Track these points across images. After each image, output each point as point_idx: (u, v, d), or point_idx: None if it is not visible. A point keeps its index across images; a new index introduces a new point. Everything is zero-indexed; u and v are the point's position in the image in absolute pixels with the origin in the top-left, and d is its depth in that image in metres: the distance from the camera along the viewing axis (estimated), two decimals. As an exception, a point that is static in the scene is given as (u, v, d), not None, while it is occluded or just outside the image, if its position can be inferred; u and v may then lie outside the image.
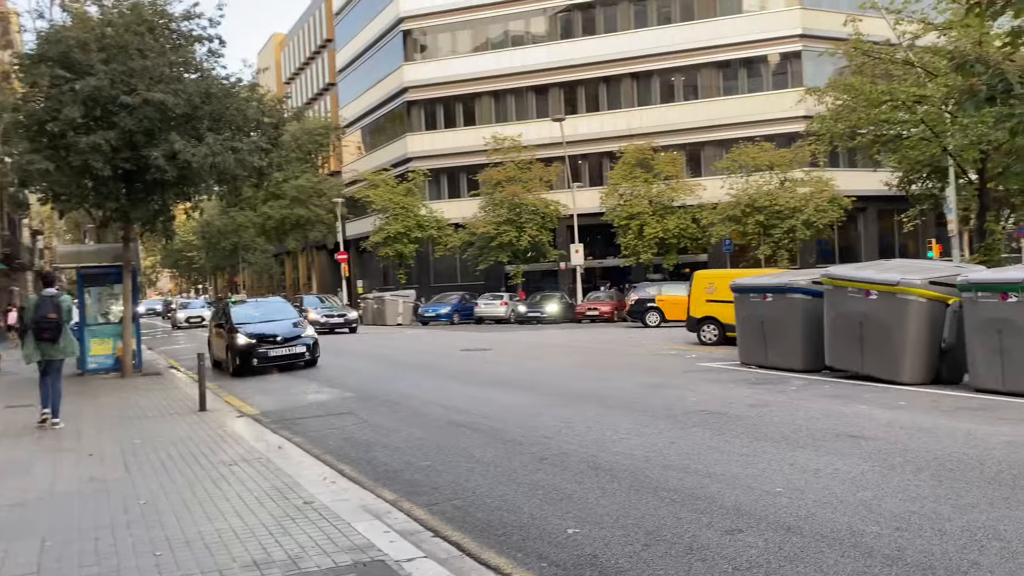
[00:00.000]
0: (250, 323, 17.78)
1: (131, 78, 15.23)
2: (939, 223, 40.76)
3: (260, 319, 18.13)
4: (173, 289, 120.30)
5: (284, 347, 17.26)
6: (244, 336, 17.05)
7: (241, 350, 16.86)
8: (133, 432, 10.06)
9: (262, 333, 17.27)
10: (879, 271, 12.28)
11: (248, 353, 16.81)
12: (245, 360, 16.82)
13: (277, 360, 17.09)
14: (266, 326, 17.70)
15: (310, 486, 6.99)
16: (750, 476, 6.66)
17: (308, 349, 17.48)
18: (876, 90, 20.89)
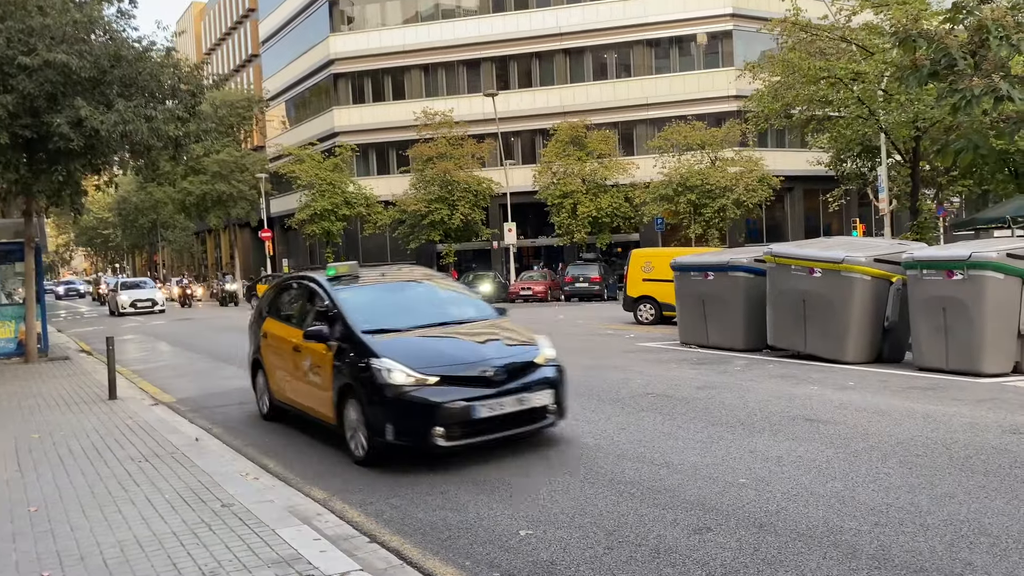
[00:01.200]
0: (398, 334, 7.46)
1: (30, 37, 13.92)
2: (862, 203, 41.74)
3: (413, 323, 7.75)
4: (88, 268, 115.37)
5: (506, 397, 6.91)
6: (407, 371, 6.86)
7: (408, 407, 6.74)
8: (32, 424, 9.12)
9: (451, 362, 7.04)
10: (823, 249, 12.08)
11: (426, 416, 6.71)
12: (415, 431, 6.78)
13: (493, 429, 6.93)
14: (445, 345, 7.47)
15: (230, 485, 6.29)
16: (710, 465, 6.25)
17: (553, 394, 7.21)
18: (814, 66, 20.84)
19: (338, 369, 7.29)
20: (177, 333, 23.18)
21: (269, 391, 9.17)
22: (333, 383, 7.33)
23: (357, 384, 7.01)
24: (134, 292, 35.26)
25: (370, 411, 6.81)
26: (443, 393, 6.61)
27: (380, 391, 6.73)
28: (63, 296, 64.82)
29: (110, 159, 16.34)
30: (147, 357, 17.08)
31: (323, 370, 7.52)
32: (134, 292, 35.26)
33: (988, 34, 11.23)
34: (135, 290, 35.88)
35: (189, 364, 15.41)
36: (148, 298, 34.54)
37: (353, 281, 8.36)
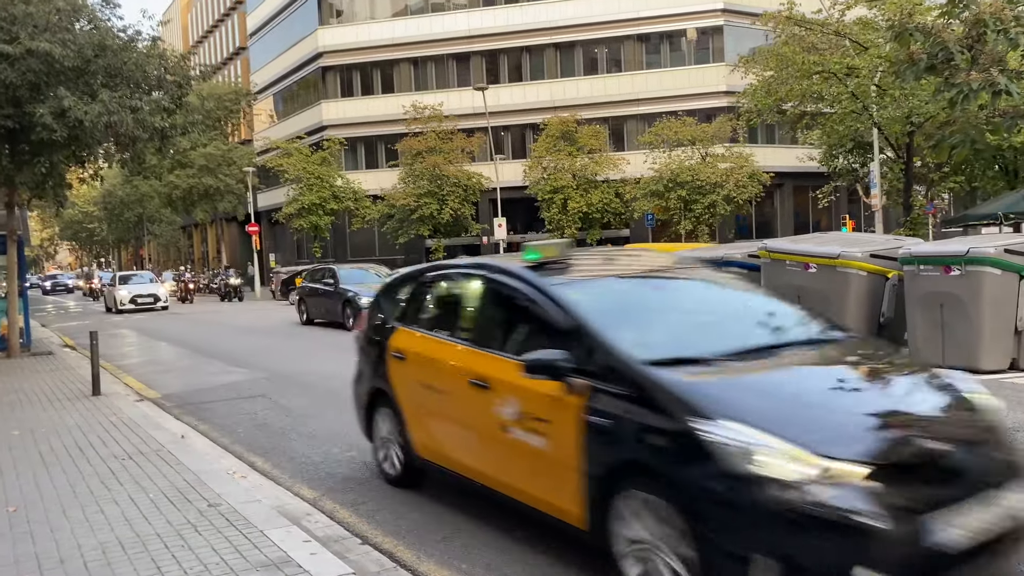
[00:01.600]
0: (710, 368, 4.01)
1: (12, 25, 13.65)
2: (851, 199, 41.80)
3: (723, 348, 4.24)
4: (73, 263, 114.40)
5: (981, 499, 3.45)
6: (795, 451, 3.30)
7: (810, 530, 3.18)
8: (12, 421, 8.90)
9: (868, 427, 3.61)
10: (818, 244, 11.97)
11: (851, 548, 3.16)
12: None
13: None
14: (826, 394, 3.95)
15: (216, 483, 6.11)
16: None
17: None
18: (807, 60, 20.76)
19: (598, 431, 3.99)
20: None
21: (407, 442, 5.81)
22: (584, 456, 4.04)
23: (665, 467, 3.69)
24: (134, 287, 32.01)
25: (713, 531, 3.44)
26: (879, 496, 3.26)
27: (735, 492, 3.37)
28: (50, 291, 63.03)
29: (94, 151, 16.09)
30: (161, 360, 16.82)
31: (557, 428, 4.23)
32: (134, 287, 32.01)
33: (985, 28, 11.14)
34: (135, 284, 32.50)
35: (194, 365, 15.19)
36: (150, 293, 31.46)
37: (568, 271, 5.08)
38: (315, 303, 20.58)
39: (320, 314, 20.29)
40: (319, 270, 21.78)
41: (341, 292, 19.00)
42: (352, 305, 17.84)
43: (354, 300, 17.80)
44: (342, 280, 19.67)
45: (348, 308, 18.20)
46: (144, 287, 32.10)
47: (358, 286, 18.48)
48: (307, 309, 20.92)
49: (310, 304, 20.84)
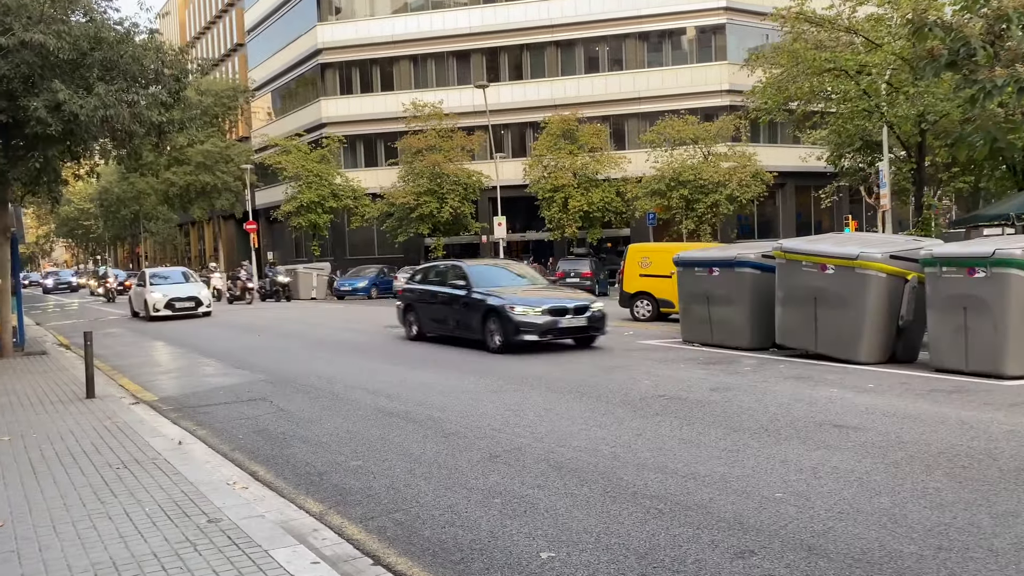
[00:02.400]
0: None
1: (5, 16, 13.27)
2: (853, 199, 41.54)
3: None
4: (69, 260, 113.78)
5: None
6: None
7: None
8: (3, 426, 8.52)
9: None
10: (836, 244, 11.64)
11: None
12: None
13: None
14: None
15: (216, 495, 5.76)
16: (741, 477, 5.77)
17: None
18: (819, 57, 20.40)
19: None
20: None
21: None
22: None
23: None
24: (170, 288, 25.50)
25: None
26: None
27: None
28: (52, 290, 58.75)
29: (90, 146, 15.68)
30: (157, 361, 16.42)
31: None
32: (170, 288, 25.50)
33: (1008, 23, 10.81)
34: (171, 285, 25.90)
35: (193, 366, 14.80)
36: (190, 296, 25.13)
37: None
38: (434, 313, 15.68)
39: (442, 328, 15.51)
40: (441, 269, 16.56)
41: (478, 299, 14.10)
42: (500, 318, 13.42)
43: (502, 311, 13.39)
44: (476, 282, 14.64)
45: (493, 322, 13.62)
46: (182, 288, 25.72)
47: (500, 290, 14.18)
48: (419, 320, 16.08)
49: (424, 314, 15.95)
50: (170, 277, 27.39)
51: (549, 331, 13.16)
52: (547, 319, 13.14)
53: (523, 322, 13.07)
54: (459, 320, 14.75)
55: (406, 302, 16.67)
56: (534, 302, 13.49)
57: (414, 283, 16.93)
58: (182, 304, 24.86)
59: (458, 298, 14.70)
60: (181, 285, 26.13)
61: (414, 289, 16.62)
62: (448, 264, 17.16)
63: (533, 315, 13.13)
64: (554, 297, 14.02)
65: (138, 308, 26.00)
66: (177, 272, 28.58)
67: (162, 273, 28.31)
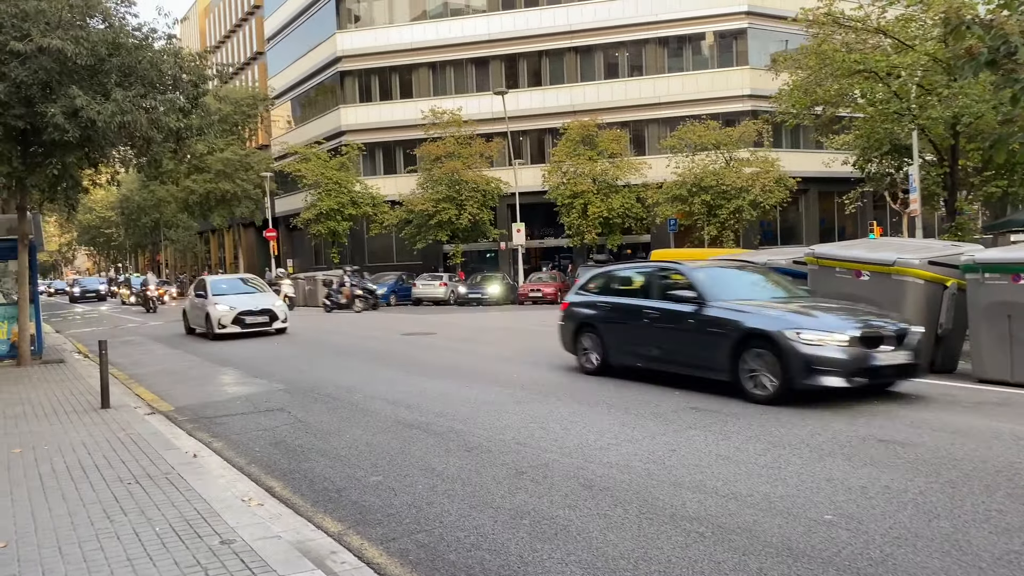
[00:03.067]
0: None
1: (24, 21, 13.17)
2: (877, 205, 40.90)
3: None
4: (91, 268, 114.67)
5: None
6: None
7: None
8: (14, 437, 8.32)
9: None
10: (870, 250, 11.26)
11: None
12: None
13: None
14: None
15: (230, 513, 5.48)
16: (785, 497, 5.42)
17: None
18: (848, 59, 19.95)
19: None
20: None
21: None
22: None
23: None
24: (237, 299, 20.79)
25: None
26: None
27: None
28: (78, 298, 54.20)
29: (108, 152, 15.57)
30: (174, 369, 16.23)
31: None
32: (237, 299, 20.79)
33: (1051, 19, 10.36)
34: (237, 296, 21.04)
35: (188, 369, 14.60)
36: (263, 308, 20.61)
37: None
38: (633, 336, 10.77)
39: (647, 358, 10.56)
40: (644, 273, 11.42)
41: (722, 318, 9.36)
42: (774, 349, 8.67)
43: (778, 339, 8.60)
44: (710, 292, 9.80)
45: (756, 355, 8.88)
46: (252, 299, 20.99)
47: (754, 305, 9.49)
48: (605, 345, 11.20)
49: (615, 337, 11.09)
50: (233, 285, 22.46)
51: (859, 371, 8.43)
52: (855, 352, 8.42)
53: (818, 357, 8.32)
54: (681, 348, 9.93)
55: (581, 320, 11.76)
56: (830, 324, 8.66)
57: (591, 293, 11.97)
58: (254, 319, 20.28)
59: (681, 316, 9.83)
60: (251, 297, 21.29)
61: (595, 303, 11.62)
62: (655, 267, 11.60)
63: (833, 346, 8.37)
64: (858, 317, 8.97)
65: (196, 323, 21.39)
66: (236, 280, 23.71)
67: (226, 282, 23.06)
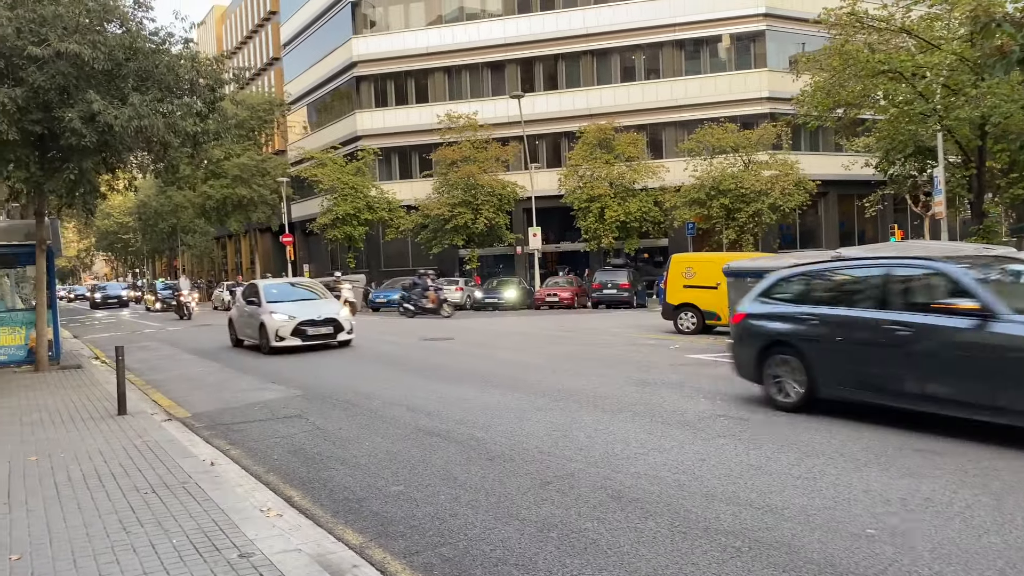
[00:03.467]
0: None
1: (41, 27, 13.15)
2: (898, 208, 40.47)
3: None
4: (109, 273, 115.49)
5: None
6: None
7: None
8: (30, 444, 8.22)
9: None
10: (900, 253, 10.94)
11: None
12: None
13: None
14: None
15: (249, 525, 5.33)
16: (823, 509, 5.21)
17: None
18: (873, 59, 19.63)
19: None
20: None
21: None
22: None
23: None
24: (296, 306, 17.69)
25: None
26: None
27: None
28: (100, 304, 51.52)
29: (125, 157, 15.52)
30: (192, 375, 16.14)
31: None
32: (296, 306, 17.69)
33: (1086, 16, 10.10)
34: (295, 304, 17.88)
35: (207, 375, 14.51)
36: (326, 319, 17.39)
37: None
38: (865, 361, 7.86)
39: (887, 392, 7.68)
40: (887, 273, 8.32)
41: None
42: None
43: None
44: (1000, 300, 6.98)
45: None
46: (312, 307, 17.78)
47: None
48: (814, 372, 8.35)
49: (835, 362, 8.18)
50: (289, 291, 19.09)
51: None
52: None
53: None
54: (955, 381, 7.05)
55: (769, 338, 8.84)
56: None
57: (783, 301, 9.02)
58: (316, 330, 17.01)
59: (951, 334, 7.07)
60: (312, 305, 18.03)
61: (794, 315, 8.69)
62: (894, 265, 8.39)
63: None
64: None
65: (246, 335, 18.32)
66: (290, 285, 20.21)
67: (280, 286, 19.57)
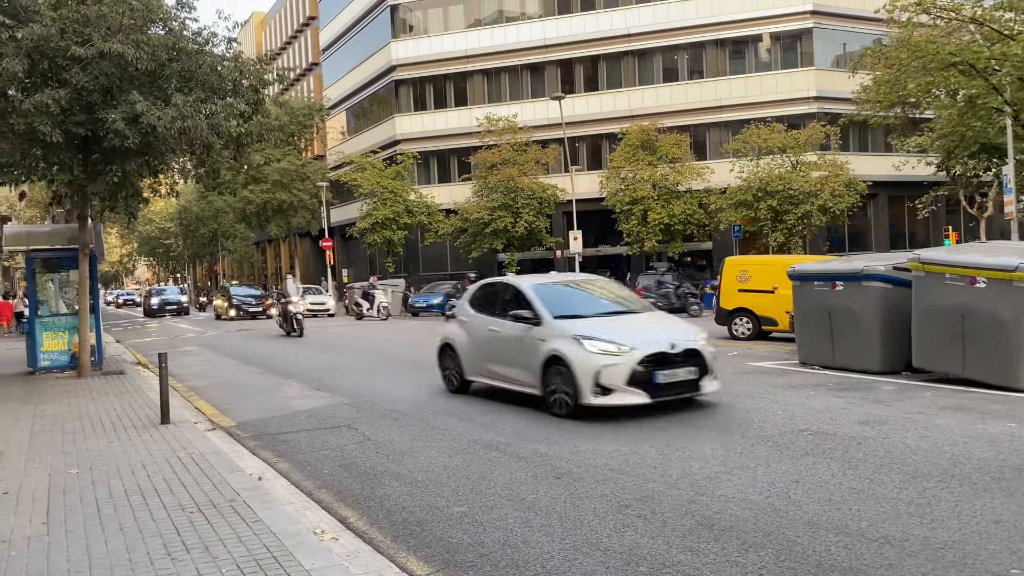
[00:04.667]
0: None
1: (85, 27, 12.94)
2: (951, 210, 39.19)
3: None
4: (150, 278, 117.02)
5: None
6: None
7: None
8: (72, 456, 7.86)
9: None
10: (986, 254, 10.24)
11: None
12: None
13: None
14: None
15: (303, 551, 4.86)
16: (950, 543, 4.58)
17: None
18: (943, 50, 18.69)
19: None
20: None
21: None
22: None
23: None
24: (615, 325, 9.46)
25: None
26: None
27: None
28: (156, 311, 45.67)
29: (168, 159, 15.30)
30: (235, 382, 15.85)
31: None
32: (615, 325, 9.46)
33: None
34: (608, 318, 9.76)
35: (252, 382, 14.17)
36: (684, 350, 9.09)
37: None
38: None
39: None
40: None
41: None
42: None
43: None
44: None
45: None
46: (644, 328, 9.66)
47: None
48: None
49: None
50: (572, 296, 10.91)
51: None
52: None
53: None
54: None
55: None
56: None
57: None
58: (672, 375, 8.92)
59: None
60: (628, 318, 10.08)
61: None
62: None
63: None
64: None
65: (492, 374, 10.46)
66: (560, 284, 11.33)
67: (550, 286, 11.14)
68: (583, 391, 8.72)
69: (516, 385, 9.90)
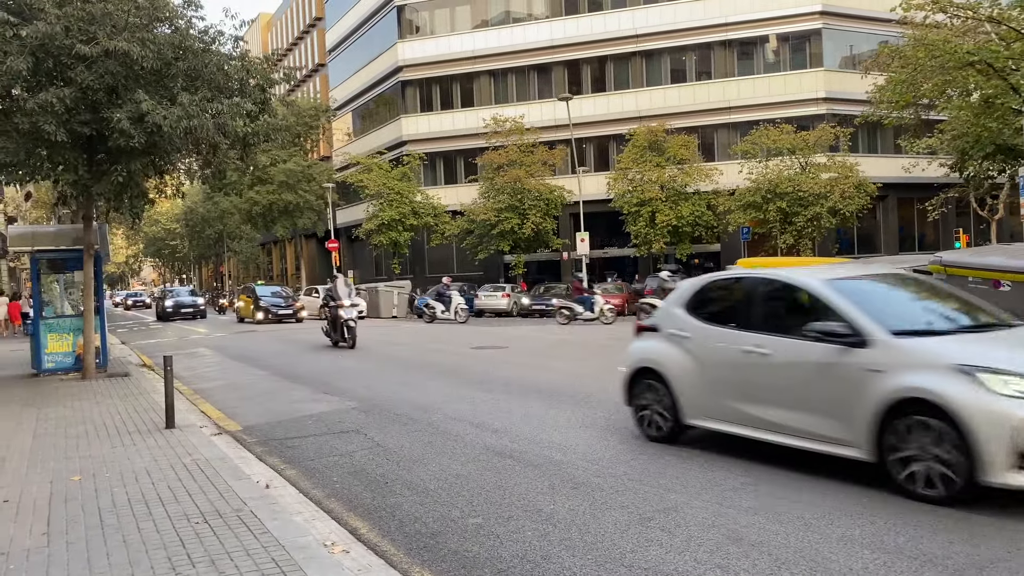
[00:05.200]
0: None
1: (90, 25, 12.78)
2: (961, 212, 38.87)
3: None
4: (156, 279, 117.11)
5: None
6: None
7: None
8: (75, 462, 7.67)
9: None
10: (1010, 257, 10.00)
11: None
12: None
13: None
14: None
15: (313, 566, 4.66)
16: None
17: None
18: (961, 49, 18.44)
19: None
20: None
21: None
22: None
23: None
24: (982, 345, 5.97)
25: None
26: None
27: None
28: (172, 314, 41.71)
29: (173, 159, 15.13)
30: (239, 384, 15.67)
31: None
32: (982, 345, 5.97)
33: None
34: (976, 335, 6.26)
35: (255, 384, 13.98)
36: None
37: None
38: None
39: None
40: None
41: None
42: None
43: None
44: None
45: None
46: None
47: None
48: None
49: None
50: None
51: None
52: None
53: None
54: None
55: None
56: None
57: None
58: None
59: None
60: None
61: None
62: None
63: None
64: None
65: (736, 415, 7.04)
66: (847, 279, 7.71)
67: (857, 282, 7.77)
68: (989, 462, 5.21)
69: (803, 439, 6.41)
